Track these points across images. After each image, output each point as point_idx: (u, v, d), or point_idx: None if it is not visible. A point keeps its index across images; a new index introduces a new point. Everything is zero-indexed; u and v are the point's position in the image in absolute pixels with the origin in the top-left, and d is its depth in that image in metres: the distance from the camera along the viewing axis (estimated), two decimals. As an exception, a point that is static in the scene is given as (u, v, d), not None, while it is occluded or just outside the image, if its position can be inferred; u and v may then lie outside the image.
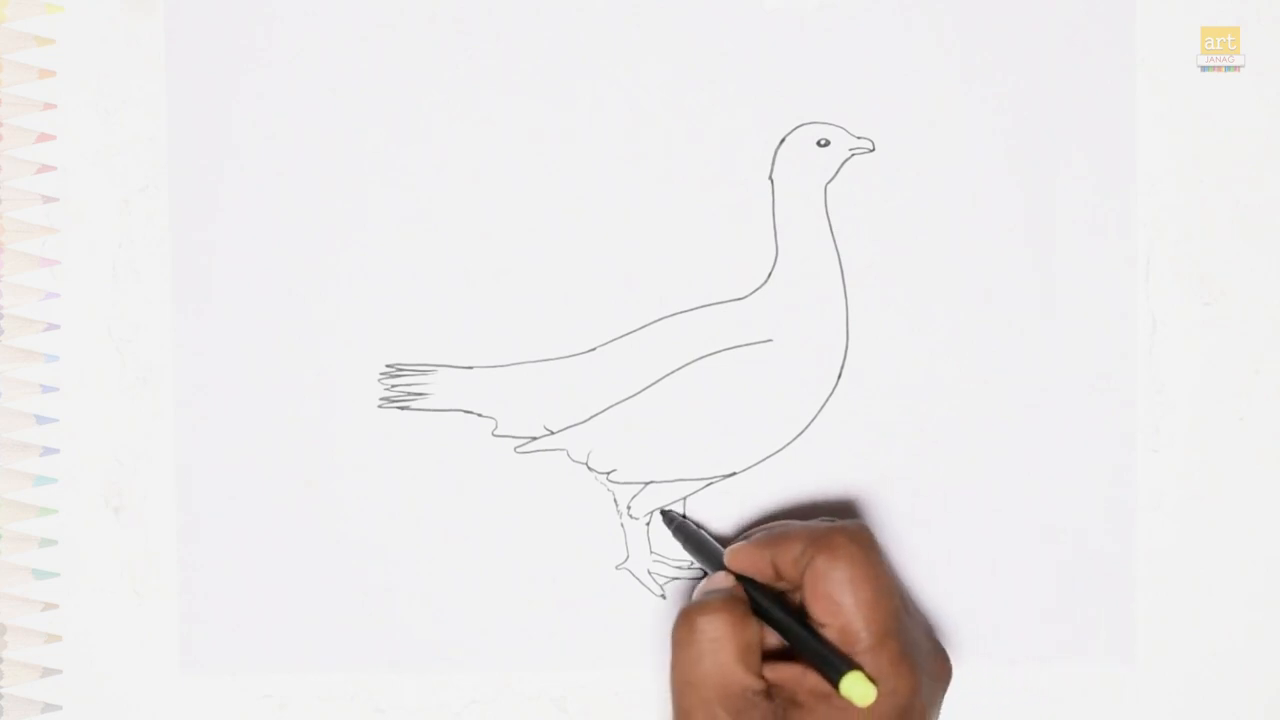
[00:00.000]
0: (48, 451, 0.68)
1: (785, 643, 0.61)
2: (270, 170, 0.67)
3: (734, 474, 0.68)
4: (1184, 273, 0.68)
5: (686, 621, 0.60)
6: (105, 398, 0.68)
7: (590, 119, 0.67)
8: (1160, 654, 0.68)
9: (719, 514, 0.68)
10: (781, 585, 0.62)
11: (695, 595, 0.63)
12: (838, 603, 0.59)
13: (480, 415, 0.67)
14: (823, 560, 0.60)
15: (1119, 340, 0.68)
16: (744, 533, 0.67)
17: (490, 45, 0.67)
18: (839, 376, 0.67)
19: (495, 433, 0.67)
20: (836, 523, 0.62)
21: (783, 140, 0.67)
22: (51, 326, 0.68)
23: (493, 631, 0.68)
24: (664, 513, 0.67)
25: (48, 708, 0.68)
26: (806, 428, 0.67)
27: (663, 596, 0.68)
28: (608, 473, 0.67)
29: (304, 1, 0.67)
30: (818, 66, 0.67)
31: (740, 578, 0.63)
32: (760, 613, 0.61)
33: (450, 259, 0.67)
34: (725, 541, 0.66)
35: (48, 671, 0.68)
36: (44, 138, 0.68)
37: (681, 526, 0.67)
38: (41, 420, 0.68)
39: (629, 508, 0.68)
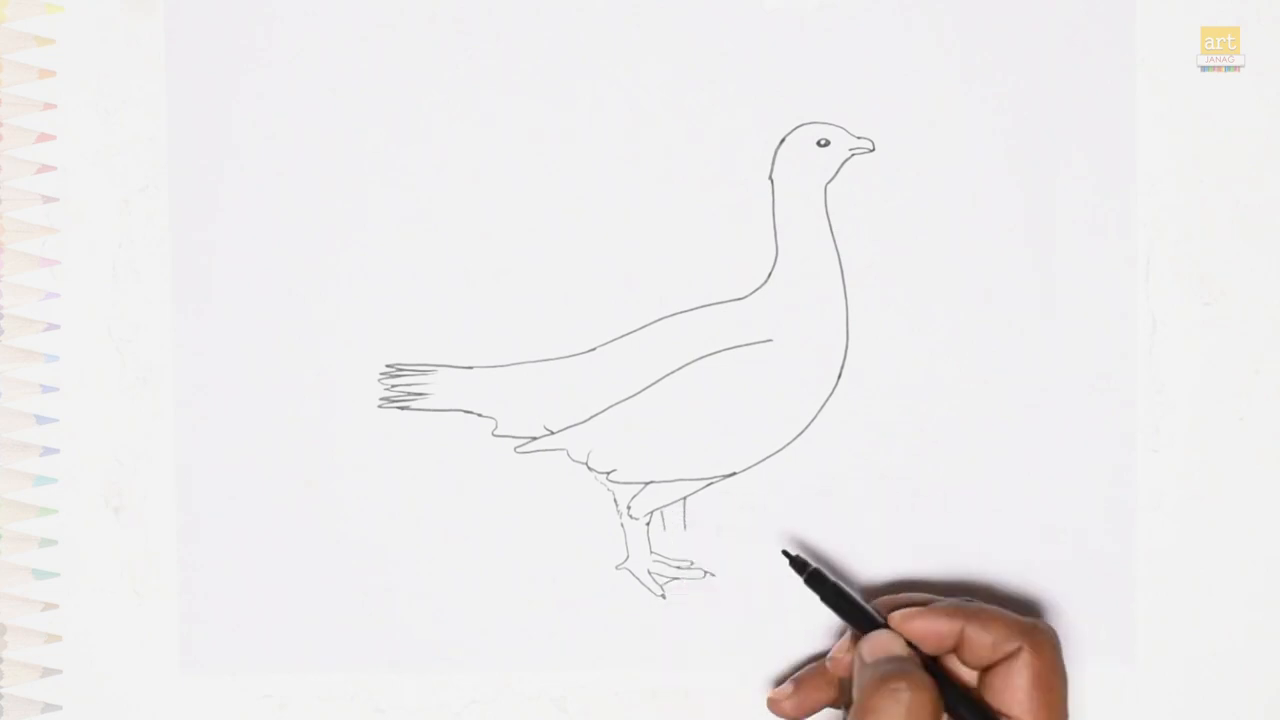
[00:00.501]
0: (48, 451, 0.68)
1: None
2: (270, 170, 0.67)
3: (734, 474, 0.68)
4: (1184, 273, 0.68)
5: (889, 689, 0.59)
6: (105, 398, 0.68)
7: (590, 119, 0.67)
8: (1160, 654, 0.68)
9: (719, 514, 0.68)
10: (945, 655, 0.63)
11: (869, 653, 0.62)
12: (1031, 699, 0.61)
13: (480, 415, 0.67)
14: (1029, 654, 0.61)
15: (1119, 340, 0.68)
16: (885, 590, 0.66)
17: (490, 45, 0.67)
18: (839, 376, 0.67)
19: (495, 433, 0.67)
20: (1037, 621, 0.62)
21: (783, 140, 0.67)
22: (51, 326, 0.68)
23: (493, 631, 0.68)
24: (796, 559, 0.65)
25: (48, 708, 0.68)
26: (806, 428, 0.67)
27: (663, 596, 0.68)
28: (608, 473, 0.67)
29: (304, 1, 0.67)
30: (818, 66, 0.67)
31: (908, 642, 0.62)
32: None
33: (450, 259, 0.67)
34: (866, 591, 0.66)
35: (48, 671, 0.68)
36: (44, 138, 0.68)
37: (816, 575, 0.64)
38: (41, 420, 0.68)
39: (629, 508, 0.68)
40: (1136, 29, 0.67)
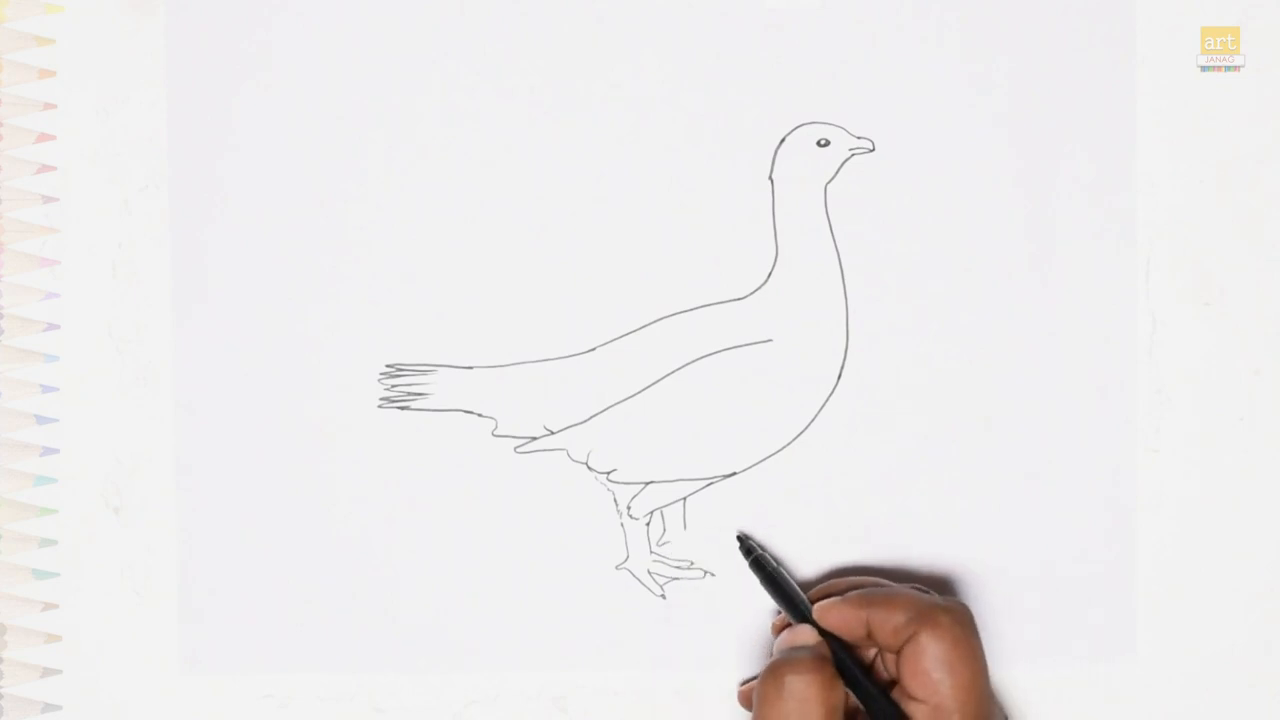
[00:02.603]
0: (48, 451, 0.68)
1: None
2: (270, 170, 0.67)
3: (734, 474, 0.68)
4: (1184, 273, 0.68)
5: (776, 678, 0.60)
6: (105, 398, 0.68)
7: (590, 119, 0.67)
8: (1161, 654, 0.68)
9: (719, 514, 0.68)
10: (866, 645, 0.63)
11: (778, 646, 0.63)
12: (935, 681, 0.60)
13: (480, 415, 0.67)
14: (927, 636, 0.60)
15: (1119, 340, 0.68)
16: (825, 580, 0.66)
17: (490, 45, 0.67)
18: (839, 376, 0.67)
19: (495, 433, 0.67)
20: (942, 599, 0.62)
21: (783, 140, 0.67)
22: (51, 326, 0.68)
23: (493, 631, 0.68)
24: (743, 541, 0.67)
25: (48, 708, 0.68)
26: (806, 428, 0.67)
27: (663, 596, 0.68)
28: (608, 473, 0.67)
29: (304, 2, 0.67)
30: (818, 66, 0.67)
31: (824, 633, 0.63)
32: (844, 674, 0.62)
33: (450, 259, 0.67)
34: (805, 586, 0.66)
35: (48, 671, 0.68)
36: (44, 138, 0.68)
37: (760, 561, 0.66)
38: (41, 420, 0.68)
39: (629, 508, 0.68)
40: (1136, 29, 0.67)
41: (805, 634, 0.63)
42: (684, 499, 0.68)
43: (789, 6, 0.67)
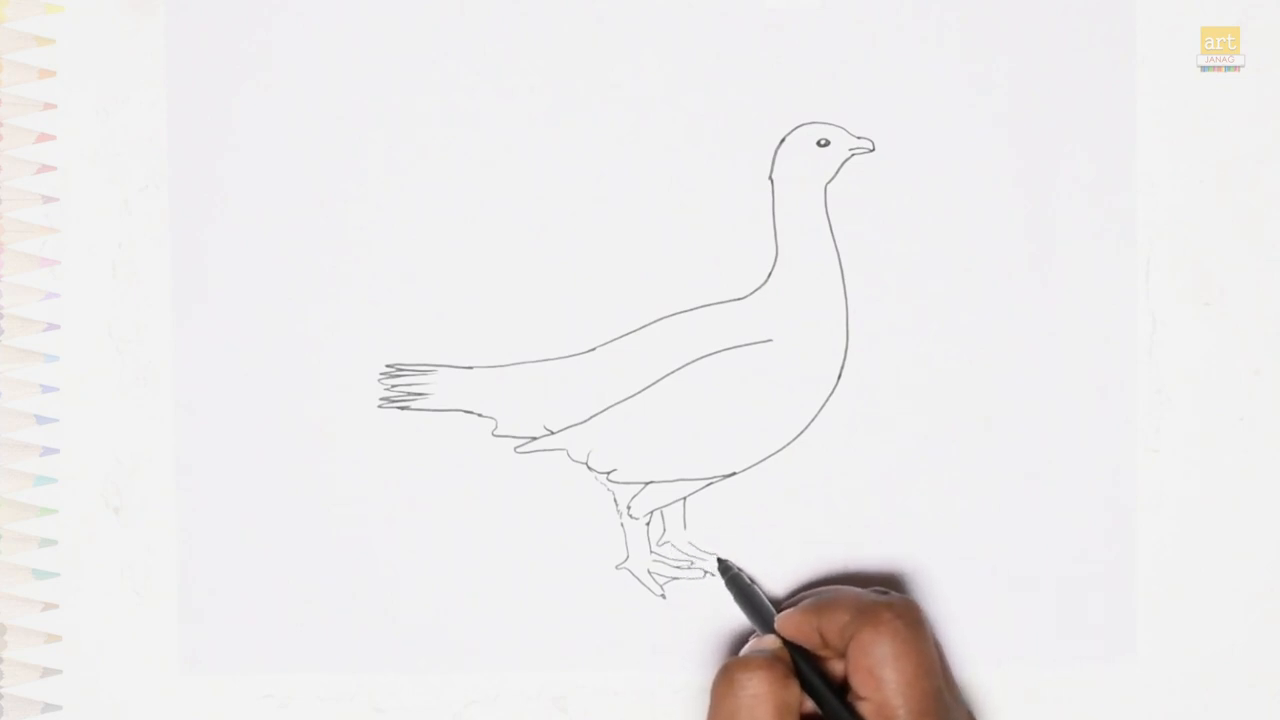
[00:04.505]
0: (48, 451, 0.68)
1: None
2: (270, 170, 0.67)
3: (734, 474, 0.68)
4: (1184, 273, 0.68)
5: (727, 676, 0.60)
6: (105, 398, 0.68)
7: (590, 119, 0.67)
8: (1161, 654, 0.68)
9: (719, 514, 0.68)
10: (826, 653, 0.62)
11: (741, 654, 0.63)
12: (878, 678, 0.59)
13: (480, 415, 0.67)
14: (867, 634, 0.60)
15: (1119, 340, 0.68)
16: (797, 592, 0.67)
17: (490, 45, 0.67)
18: (839, 376, 0.67)
19: (495, 433, 0.67)
20: (885, 596, 0.62)
21: (783, 140, 0.67)
22: (51, 326, 0.68)
23: (493, 631, 0.68)
24: (721, 562, 0.67)
25: (48, 708, 0.68)
26: (806, 428, 0.67)
27: (663, 596, 0.68)
28: (608, 473, 0.67)
29: (304, 2, 0.67)
30: (818, 66, 0.67)
31: (788, 643, 0.63)
32: (802, 679, 0.62)
33: (450, 259, 0.67)
34: (776, 601, 0.66)
35: (48, 671, 0.68)
36: (44, 138, 0.68)
37: (735, 579, 0.66)
38: (41, 420, 0.68)
39: (629, 508, 0.68)
40: (1136, 29, 0.67)
41: (767, 642, 0.63)
42: (684, 499, 0.68)
43: (789, 6, 0.67)
